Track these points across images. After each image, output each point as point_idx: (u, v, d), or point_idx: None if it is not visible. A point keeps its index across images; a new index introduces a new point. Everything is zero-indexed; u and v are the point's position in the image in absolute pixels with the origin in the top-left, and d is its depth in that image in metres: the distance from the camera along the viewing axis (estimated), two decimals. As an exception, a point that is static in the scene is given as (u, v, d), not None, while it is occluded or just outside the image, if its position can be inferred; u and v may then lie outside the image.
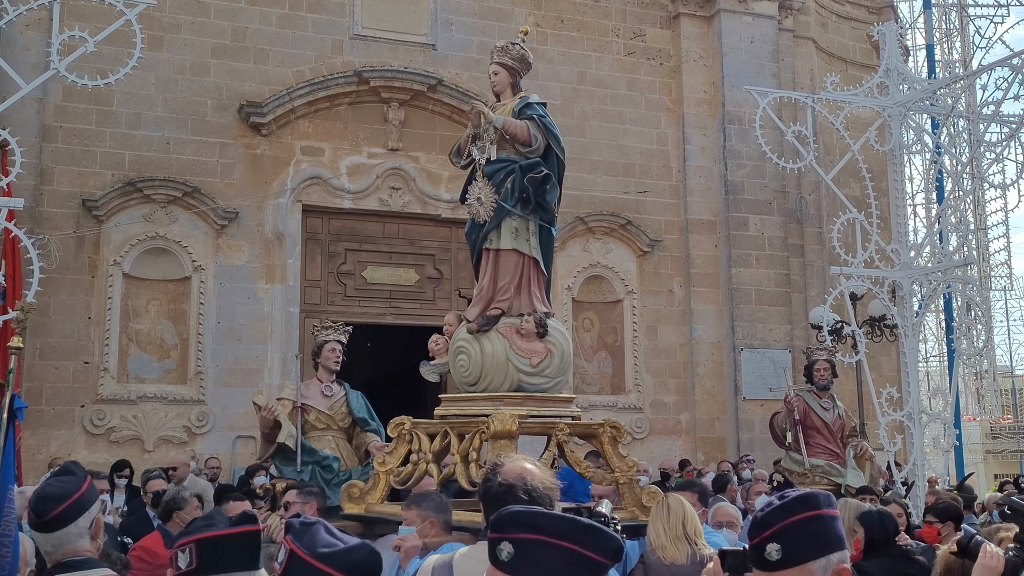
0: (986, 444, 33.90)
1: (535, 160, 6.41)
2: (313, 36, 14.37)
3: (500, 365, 6.18)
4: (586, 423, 6.46)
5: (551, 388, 6.34)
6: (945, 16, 24.94)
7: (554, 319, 6.46)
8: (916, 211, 22.15)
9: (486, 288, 6.45)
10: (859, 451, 9.57)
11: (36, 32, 12.61)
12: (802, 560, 2.11)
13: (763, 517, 2.18)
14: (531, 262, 6.43)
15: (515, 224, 6.38)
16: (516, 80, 6.77)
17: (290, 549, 2.17)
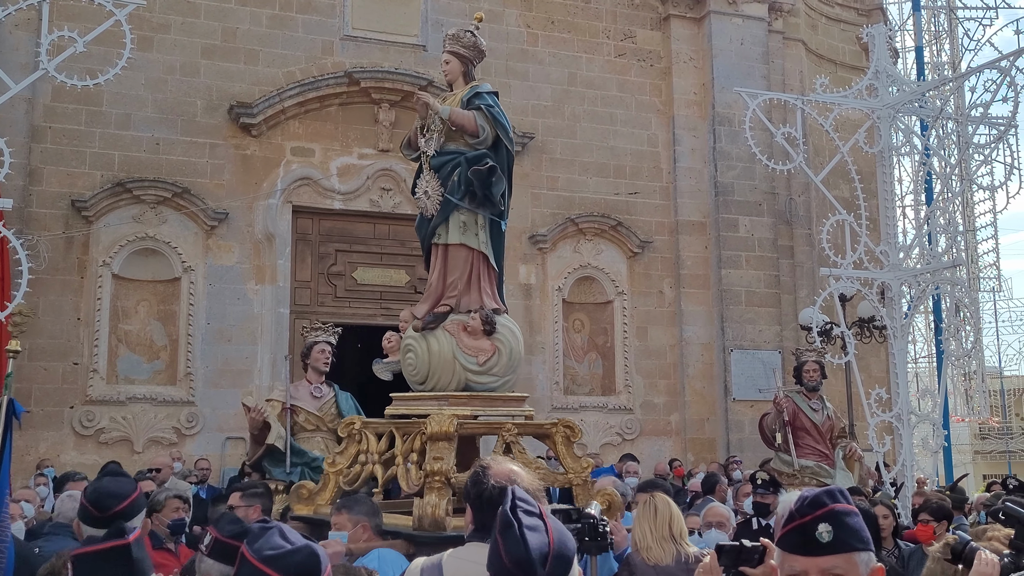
0: (975, 445, 34.04)
1: (481, 152, 6.22)
2: (303, 37, 14.35)
3: (447, 364, 6.04)
4: (538, 423, 6.29)
5: (500, 387, 6.18)
6: (934, 18, 25.00)
7: (506, 316, 6.30)
8: (905, 213, 22.21)
9: (435, 284, 6.30)
10: (848, 452, 9.60)
11: (25, 32, 12.58)
12: (851, 548, 2.08)
13: (812, 498, 2.14)
14: (481, 257, 6.27)
15: (463, 218, 6.24)
16: (468, 69, 6.65)
17: (240, 552, 2.18)
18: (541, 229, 15.08)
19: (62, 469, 11.71)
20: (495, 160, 6.22)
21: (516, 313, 14.83)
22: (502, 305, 6.35)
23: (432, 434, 5.58)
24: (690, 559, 4.72)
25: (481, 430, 6.06)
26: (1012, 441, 33.20)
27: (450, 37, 6.67)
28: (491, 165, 6.15)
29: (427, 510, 5.35)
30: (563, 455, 6.09)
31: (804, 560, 2.08)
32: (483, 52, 6.78)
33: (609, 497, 5.66)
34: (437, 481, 5.42)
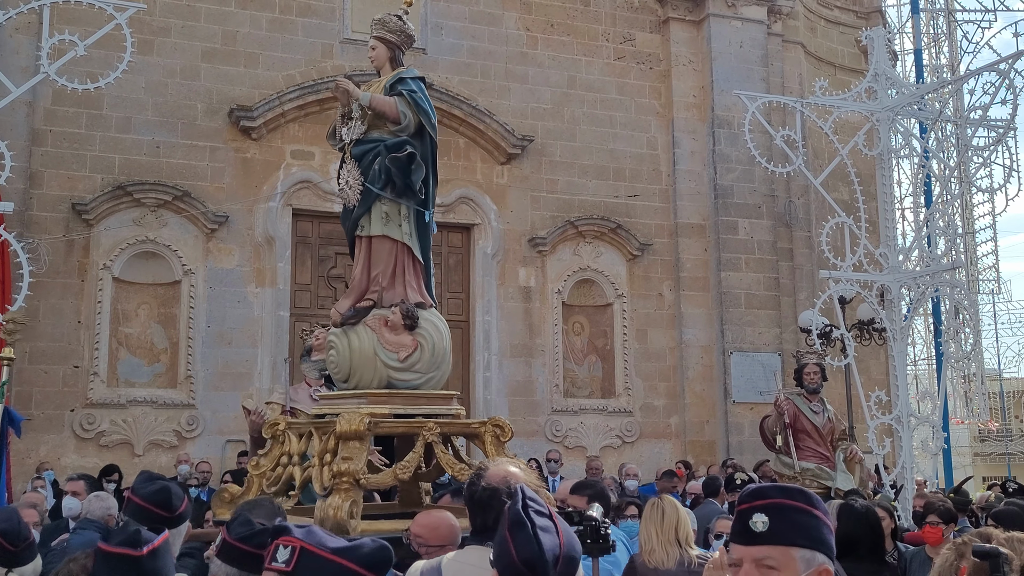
0: (974, 447, 34.05)
1: (401, 139, 5.97)
2: (303, 40, 14.37)
3: (368, 360, 5.81)
4: (465, 422, 6.03)
5: (423, 384, 5.94)
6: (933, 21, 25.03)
7: (432, 311, 6.09)
8: (904, 215, 22.24)
9: (359, 278, 6.09)
10: (849, 454, 9.61)
11: (26, 36, 12.60)
12: (787, 541, 2.05)
13: (758, 488, 2.14)
14: (405, 249, 6.05)
15: (385, 209, 6.00)
16: (396, 55, 6.38)
17: (299, 546, 2.17)
18: (541, 232, 15.10)
19: (62, 472, 11.71)
20: (417, 147, 6.00)
21: (516, 316, 14.88)
22: (430, 300, 6.13)
23: (342, 433, 5.39)
24: (693, 563, 4.72)
25: (399, 429, 5.82)
26: (1012, 443, 33.22)
27: (376, 22, 6.46)
28: (410, 152, 5.93)
29: (328, 512, 5.15)
30: (492, 455, 5.77)
31: (740, 548, 2.08)
32: (411, 37, 6.57)
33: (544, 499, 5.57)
34: (345, 482, 5.23)
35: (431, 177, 6.12)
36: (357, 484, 5.26)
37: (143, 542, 2.51)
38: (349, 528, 5.03)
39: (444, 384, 6.08)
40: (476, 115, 14.81)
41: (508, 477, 3.10)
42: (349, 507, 5.13)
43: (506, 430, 5.88)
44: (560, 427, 14.87)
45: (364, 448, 5.42)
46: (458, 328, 14.91)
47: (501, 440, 5.85)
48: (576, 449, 14.68)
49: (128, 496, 3.82)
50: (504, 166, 15.11)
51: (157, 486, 3.92)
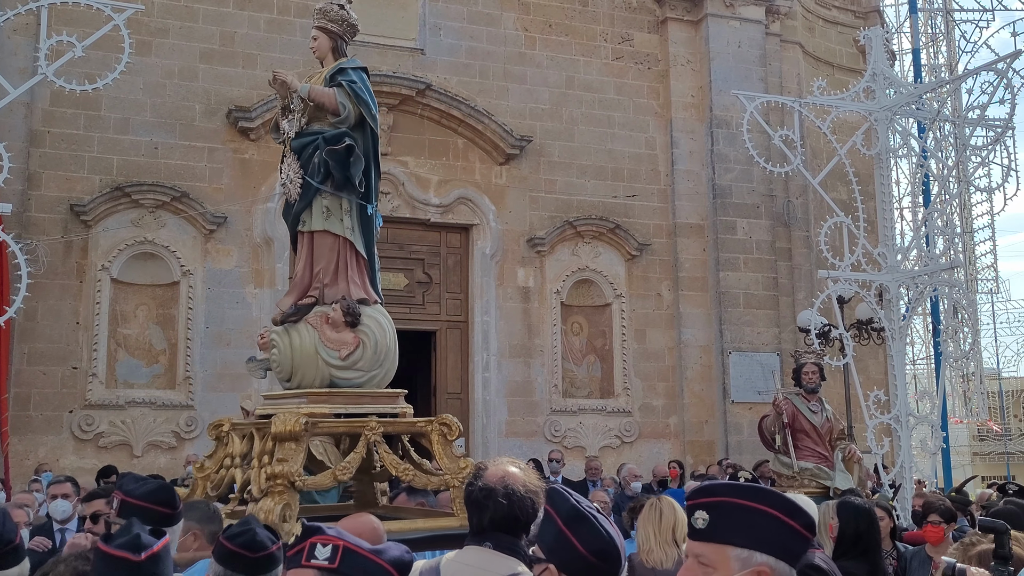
0: (973, 447, 34.04)
1: (340, 131, 5.82)
2: (301, 41, 14.34)
3: (309, 359, 5.67)
4: (410, 421, 5.79)
5: (366, 382, 5.77)
6: (931, 21, 25.05)
7: (378, 307, 5.92)
8: (903, 215, 22.25)
9: (301, 274, 5.95)
10: (847, 454, 9.60)
11: (24, 37, 12.59)
12: (722, 539, 2.03)
13: (709, 485, 2.13)
14: (347, 244, 5.87)
15: (326, 203, 5.83)
16: (338, 45, 6.22)
17: (342, 545, 2.18)
18: (539, 232, 15.10)
19: (61, 474, 11.71)
20: (357, 139, 5.85)
21: (514, 316, 14.88)
22: (375, 296, 5.96)
23: (277, 434, 5.24)
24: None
25: (340, 429, 5.66)
26: (1011, 443, 33.23)
27: (318, 12, 6.26)
28: (348, 144, 5.75)
29: (260, 516, 4.96)
30: (440, 455, 5.63)
31: (688, 543, 2.10)
32: (355, 27, 6.37)
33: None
34: (279, 485, 5.10)
35: (373, 170, 5.97)
36: (293, 486, 5.14)
37: (143, 547, 2.49)
38: (282, 532, 4.85)
39: (390, 382, 5.93)
40: (474, 115, 14.81)
41: (506, 477, 3.10)
42: (281, 510, 5.00)
43: (453, 428, 5.70)
44: (559, 427, 14.87)
45: (301, 449, 5.24)
46: (457, 328, 14.92)
47: (448, 439, 5.68)
48: (575, 449, 14.68)
49: (122, 499, 3.79)
50: (503, 166, 15.12)
51: (155, 484, 3.91)
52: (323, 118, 5.89)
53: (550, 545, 2.34)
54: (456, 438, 5.72)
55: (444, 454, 5.65)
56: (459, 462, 5.63)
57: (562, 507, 2.36)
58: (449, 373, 14.84)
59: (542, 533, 2.39)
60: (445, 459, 5.64)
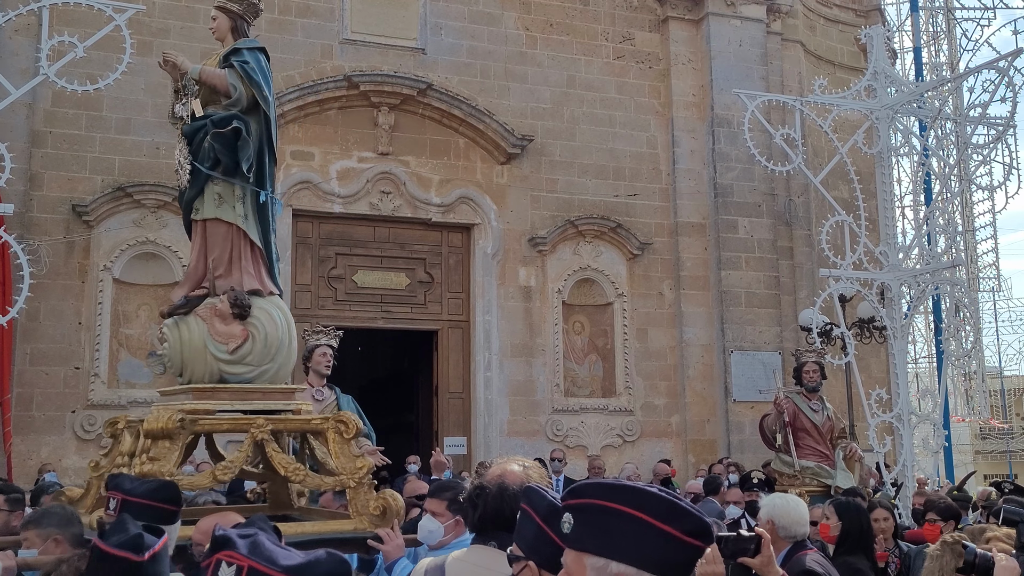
0: (975, 445, 34.06)
1: (229, 113, 5.54)
2: (303, 41, 14.38)
3: (198, 353, 5.40)
4: (304, 419, 5.53)
5: (256, 377, 5.49)
6: (932, 19, 25.05)
7: (272, 299, 5.65)
8: (904, 213, 22.24)
9: (194, 264, 5.70)
10: (848, 452, 9.62)
11: (25, 37, 12.60)
12: (580, 547, 1.87)
13: (581, 485, 1.95)
14: (240, 232, 5.60)
15: (218, 189, 5.59)
16: (239, 25, 5.97)
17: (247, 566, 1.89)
18: (540, 231, 15.11)
19: (64, 474, 11.73)
20: (250, 122, 5.59)
21: (516, 315, 14.88)
22: (271, 287, 5.69)
23: (149, 432, 4.99)
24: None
25: (224, 426, 5.38)
26: (1013, 441, 33.23)
27: None
28: (235, 127, 5.48)
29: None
30: (336, 454, 5.37)
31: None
32: (256, 7, 6.10)
33: (384, 502, 5.15)
34: None
35: (267, 154, 5.69)
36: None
37: (145, 547, 2.44)
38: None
39: (286, 377, 5.68)
40: (476, 115, 14.82)
41: (503, 476, 3.11)
42: None
43: (350, 426, 5.40)
44: (561, 427, 14.88)
45: (176, 447, 5.00)
46: (458, 328, 14.93)
47: (345, 436, 5.40)
48: (577, 448, 14.69)
49: (123, 498, 3.77)
50: (504, 166, 15.12)
51: (156, 482, 3.91)
52: (218, 101, 5.65)
53: (529, 543, 2.33)
54: (353, 436, 5.41)
55: (340, 453, 5.38)
56: (356, 462, 5.35)
57: (540, 504, 2.35)
58: (451, 372, 14.84)
59: (521, 531, 2.38)
60: (341, 458, 5.38)
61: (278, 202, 5.83)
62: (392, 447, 9.00)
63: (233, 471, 5.18)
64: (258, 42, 5.97)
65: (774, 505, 4.93)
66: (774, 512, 4.85)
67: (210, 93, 5.64)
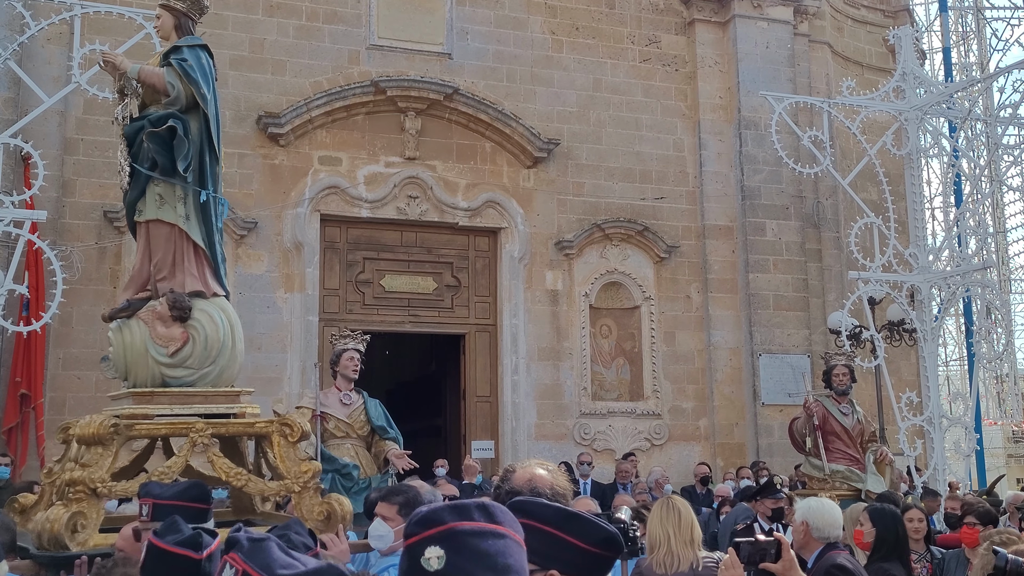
0: (1008, 448, 33.65)
1: (166, 112, 5.45)
2: (330, 47, 14.46)
3: (140, 356, 5.32)
4: (247, 422, 5.42)
5: (197, 381, 5.40)
6: (961, 19, 24.84)
7: (218, 300, 5.55)
8: (934, 215, 22.09)
9: (139, 267, 5.62)
10: (879, 456, 9.54)
11: (57, 46, 12.75)
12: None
13: (426, 514, 1.71)
14: (183, 234, 5.49)
15: (159, 190, 5.48)
16: (182, 23, 5.91)
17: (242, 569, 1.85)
18: (567, 235, 15.10)
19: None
20: (189, 121, 5.50)
21: (543, 319, 14.89)
22: (217, 288, 5.58)
23: (80, 437, 4.90)
24: (700, 565, 4.63)
25: (162, 431, 5.30)
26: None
27: None
28: (169, 126, 5.38)
29: (45, 525, 4.60)
30: (281, 458, 5.27)
31: None
32: (201, 4, 6.06)
33: (328, 507, 5.10)
34: (79, 491, 4.74)
35: (208, 154, 5.58)
36: (95, 493, 4.82)
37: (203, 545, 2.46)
38: (69, 543, 4.60)
39: (231, 380, 5.59)
40: (502, 119, 14.84)
41: (533, 480, 3.11)
42: (69, 519, 4.63)
43: (295, 429, 5.34)
44: (588, 430, 14.86)
45: (109, 454, 4.91)
46: (485, 332, 14.96)
47: (290, 440, 5.33)
48: (605, 452, 14.66)
49: (154, 503, 3.83)
50: (530, 170, 15.14)
51: (186, 483, 3.96)
52: (159, 101, 5.56)
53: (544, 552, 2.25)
54: (298, 440, 5.34)
55: (286, 457, 5.31)
56: (301, 466, 5.28)
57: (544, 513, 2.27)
58: (479, 376, 14.87)
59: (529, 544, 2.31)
60: (287, 462, 5.30)
61: (223, 202, 5.72)
62: (420, 451, 9.03)
63: (171, 476, 5.08)
64: (200, 39, 5.89)
65: (809, 507, 4.98)
66: (809, 514, 4.91)
67: (153, 93, 5.56)
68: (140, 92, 5.54)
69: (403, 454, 7.86)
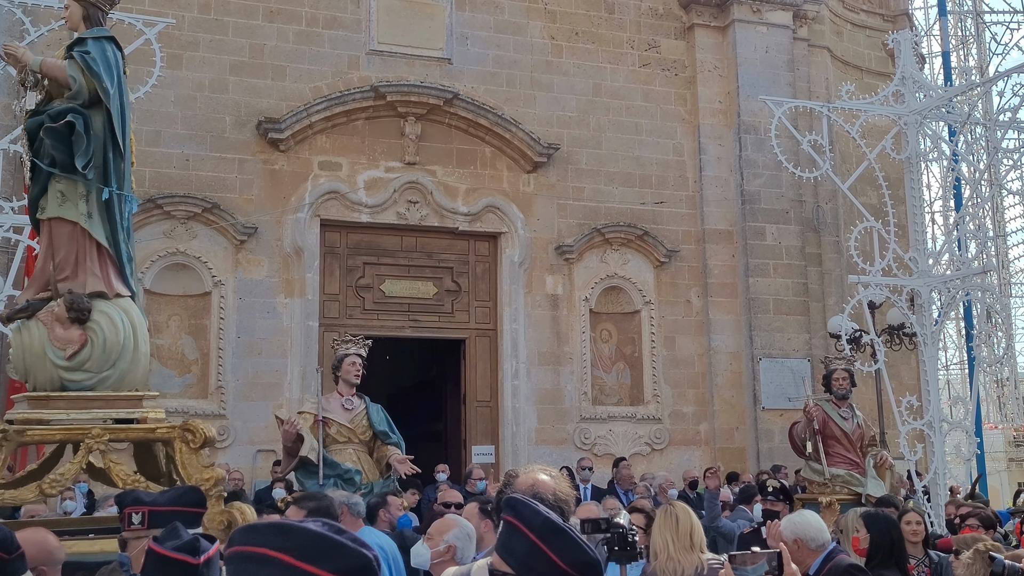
0: (1009, 452, 33.62)
1: (66, 107, 5.28)
2: (330, 52, 14.48)
3: (39, 359, 5.16)
4: (148, 427, 5.23)
5: (97, 384, 5.22)
6: (961, 23, 24.89)
7: (119, 301, 5.36)
8: (934, 219, 22.10)
9: (41, 265, 5.48)
10: (879, 460, 9.55)
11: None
12: None
13: (245, 529, 1.71)
14: (85, 233, 5.33)
15: (60, 187, 5.31)
16: (91, 14, 5.64)
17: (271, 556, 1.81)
18: (567, 239, 15.11)
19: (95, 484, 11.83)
20: (92, 115, 5.31)
21: (543, 323, 14.89)
22: (122, 289, 5.41)
23: None
24: (705, 569, 4.63)
25: (56, 436, 5.10)
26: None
27: None
28: (68, 121, 5.21)
29: None
30: (183, 464, 5.11)
31: None
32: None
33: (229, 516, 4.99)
34: None
35: (112, 149, 5.38)
36: None
37: (201, 551, 2.50)
38: None
39: (133, 384, 5.41)
40: (502, 124, 14.86)
41: (536, 485, 3.11)
42: None
43: (198, 435, 5.19)
44: (589, 435, 14.86)
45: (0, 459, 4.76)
46: (486, 336, 14.96)
47: (192, 446, 5.18)
48: (605, 457, 14.65)
49: (149, 510, 3.84)
50: (530, 174, 15.15)
51: (180, 488, 3.97)
52: (63, 94, 5.40)
53: (522, 560, 2.24)
54: (200, 446, 5.19)
55: (188, 464, 5.15)
56: (204, 472, 5.12)
57: (534, 520, 2.25)
58: (479, 381, 14.87)
59: (510, 546, 2.28)
60: (188, 469, 5.14)
61: (131, 199, 5.53)
62: (421, 456, 9.02)
63: (63, 484, 4.99)
64: (107, 31, 5.63)
65: (795, 524, 5.01)
66: (798, 530, 4.93)
67: (58, 87, 5.39)
68: (45, 85, 5.37)
69: (405, 459, 7.86)
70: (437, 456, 13.93)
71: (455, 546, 4.21)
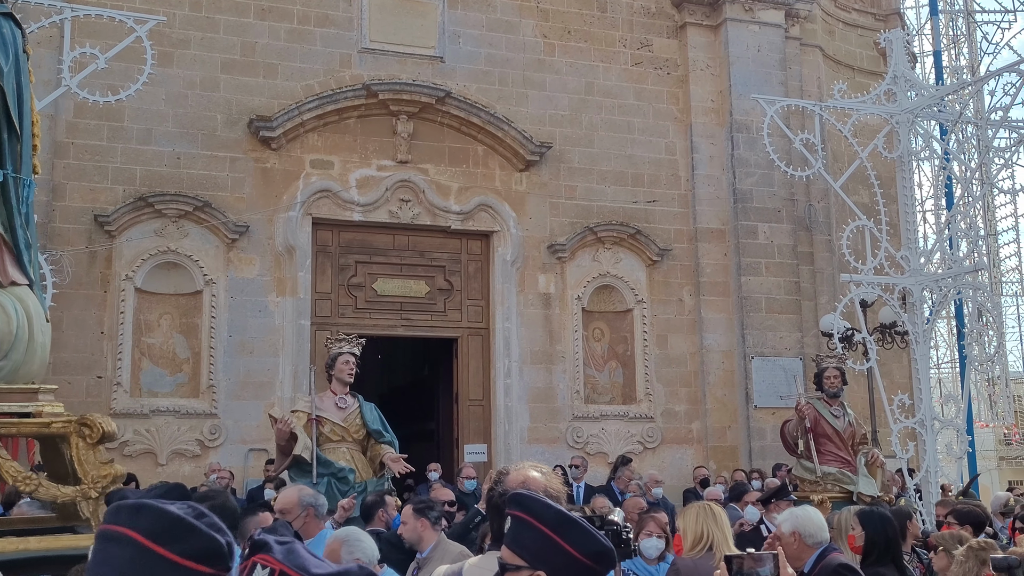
0: (1000, 451, 33.75)
1: None
2: (322, 50, 14.45)
3: None
4: (42, 422, 5.03)
5: None
6: (952, 22, 24.94)
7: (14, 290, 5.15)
8: (926, 217, 22.14)
9: None
10: (871, 458, 9.57)
11: (47, 49, 12.71)
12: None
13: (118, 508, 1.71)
14: None
15: None
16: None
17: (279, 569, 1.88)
18: (560, 238, 15.11)
19: (87, 482, 11.80)
20: None
21: (536, 322, 14.88)
22: (17, 276, 5.17)
23: None
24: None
25: None
26: (1038, 446, 32.90)
27: None
28: None
29: None
30: (80, 461, 4.91)
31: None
32: None
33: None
34: None
35: (6, 130, 5.10)
36: None
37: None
38: None
39: (29, 377, 5.20)
40: (494, 123, 14.84)
41: (527, 482, 3.11)
42: None
43: (95, 429, 4.97)
44: (581, 433, 14.86)
45: None
46: (478, 335, 14.95)
47: (89, 441, 4.96)
48: (598, 455, 14.66)
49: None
50: (523, 173, 15.14)
51: (166, 486, 3.96)
52: None
53: (535, 552, 2.28)
54: (98, 441, 4.99)
55: (84, 460, 4.95)
56: (101, 470, 4.93)
57: (546, 513, 2.30)
58: (471, 380, 14.86)
59: (521, 539, 2.31)
60: (85, 466, 4.94)
61: (28, 183, 5.25)
62: (413, 455, 9.01)
63: None
64: (6, 7, 5.27)
65: (796, 517, 5.01)
66: (797, 523, 4.94)
67: None
68: None
69: (399, 458, 7.86)
70: (429, 455, 13.91)
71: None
